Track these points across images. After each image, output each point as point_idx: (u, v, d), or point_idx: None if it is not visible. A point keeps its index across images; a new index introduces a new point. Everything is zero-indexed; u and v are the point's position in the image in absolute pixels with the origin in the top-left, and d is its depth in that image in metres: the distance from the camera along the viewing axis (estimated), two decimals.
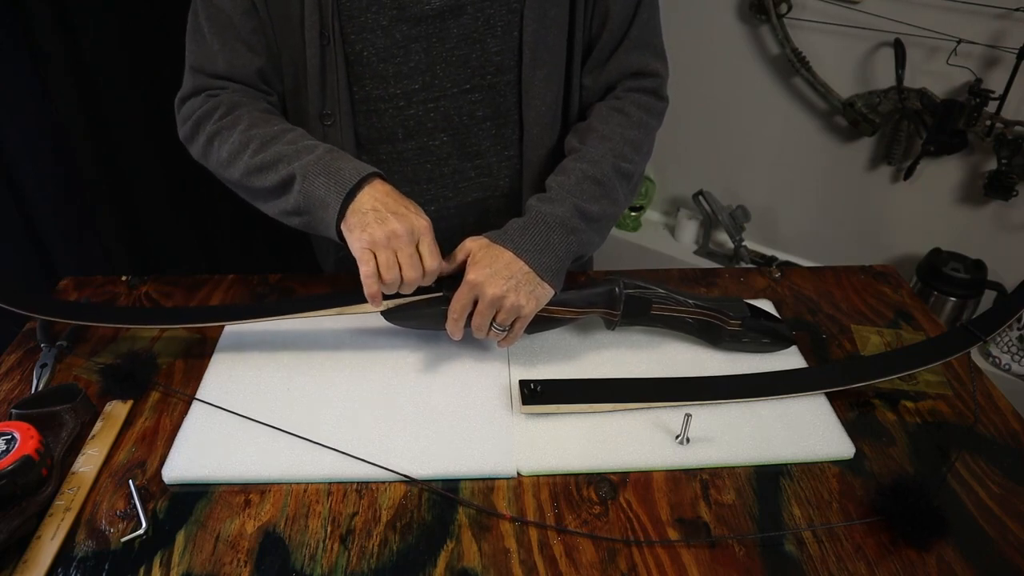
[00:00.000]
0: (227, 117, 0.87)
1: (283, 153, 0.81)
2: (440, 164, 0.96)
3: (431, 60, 0.88)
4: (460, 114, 0.92)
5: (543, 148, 0.95)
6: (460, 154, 0.96)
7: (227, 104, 0.88)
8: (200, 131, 0.89)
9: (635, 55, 0.92)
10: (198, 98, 0.90)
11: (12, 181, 1.45)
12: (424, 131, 0.93)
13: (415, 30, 0.86)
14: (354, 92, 0.90)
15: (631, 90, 0.94)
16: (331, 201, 0.77)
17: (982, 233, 1.83)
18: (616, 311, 0.85)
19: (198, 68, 0.90)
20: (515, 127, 0.95)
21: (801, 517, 0.69)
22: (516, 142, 0.96)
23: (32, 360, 0.88)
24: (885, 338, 0.94)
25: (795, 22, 1.86)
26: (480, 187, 0.99)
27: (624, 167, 0.88)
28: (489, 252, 0.79)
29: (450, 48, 0.88)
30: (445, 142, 0.94)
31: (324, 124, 0.90)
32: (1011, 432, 0.80)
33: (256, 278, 1.05)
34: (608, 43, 0.91)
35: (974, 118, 1.65)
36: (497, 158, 0.97)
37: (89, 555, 0.65)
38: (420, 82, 0.89)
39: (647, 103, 0.94)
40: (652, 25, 0.93)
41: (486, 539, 0.67)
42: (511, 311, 0.78)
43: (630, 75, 0.93)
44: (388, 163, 0.96)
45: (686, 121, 2.10)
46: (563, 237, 0.81)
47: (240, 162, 0.84)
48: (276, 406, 0.80)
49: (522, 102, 0.92)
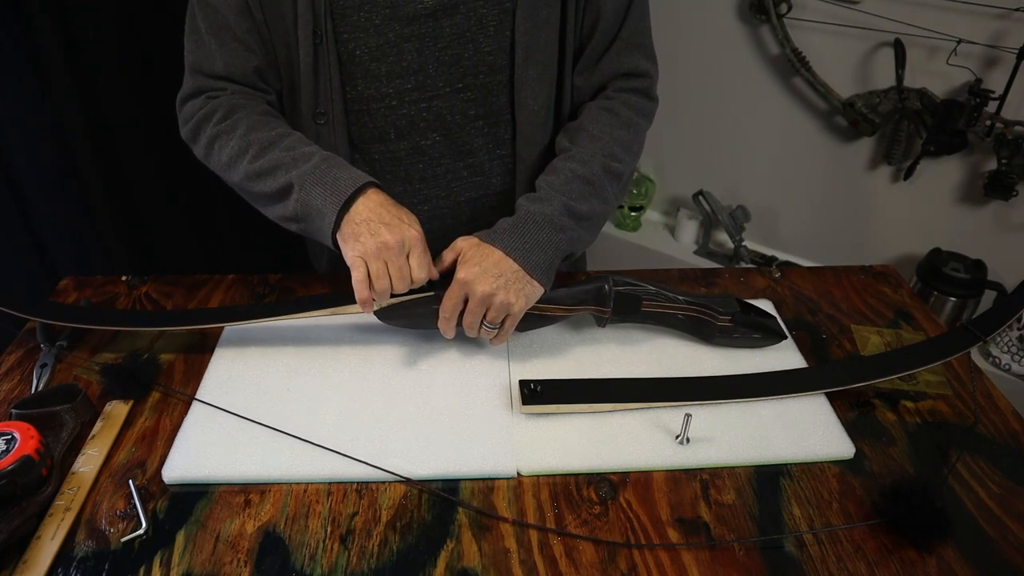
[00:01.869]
0: (226, 121, 0.87)
1: (281, 160, 0.83)
2: (433, 164, 0.96)
3: (424, 59, 0.88)
4: (453, 113, 0.93)
5: (536, 147, 0.95)
6: (453, 153, 0.96)
7: (226, 107, 0.88)
8: (201, 133, 0.89)
9: (626, 56, 0.93)
10: (198, 99, 0.91)
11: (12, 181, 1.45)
12: (417, 130, 0.93)
13: (408, 29, 0.86)
14: (347, 91, 0.90)
15: (622, 90, 0.94)
16: (327, 211, 0.78)
17: (982, 233, 1.83)
18: (606, 308, 0.85)
19: (197, 69, 0.91)
20: (507, 126, 0.95)
21: (801, 517, 0.69)
22: (509, 141, 0.97)
23: (32, 360, 0.88)
24: (885, 338, 0.94)
25: (795, 22, 1.86)
26: (473, 186, 0.99)
27: (614, 167, 0.89)
28: (479, 251, 0.80)
29: (443, 47, 0.88)
30: (438, 141, 0.94)
31: (317, 123, 0.91)
32: (1011, 432, 0.80)
33: (256, 278, 1.05)
34: (599, 43, 0.92)
35: (974, 118, 1.65)
36: (489, 157, 0.97)
37: (89, 555, 0.65)
38: (413, 81, 0.90)
39: (637, 103, 0.94)
40: (643, 26, 0.94)
41: (486, 539, 0.67)
42: (501, 308, 0.78)
43: (621, 75, 0.94)
44: (381, 163, 0.96)
45: (686, 121, 2.10)
46: (552, 235, 0.81)
47: (240, 167, 0.85)
48: (276, 405, 0.80)
49: (514, 101, 0.92)
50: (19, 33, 1.40)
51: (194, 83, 0.91)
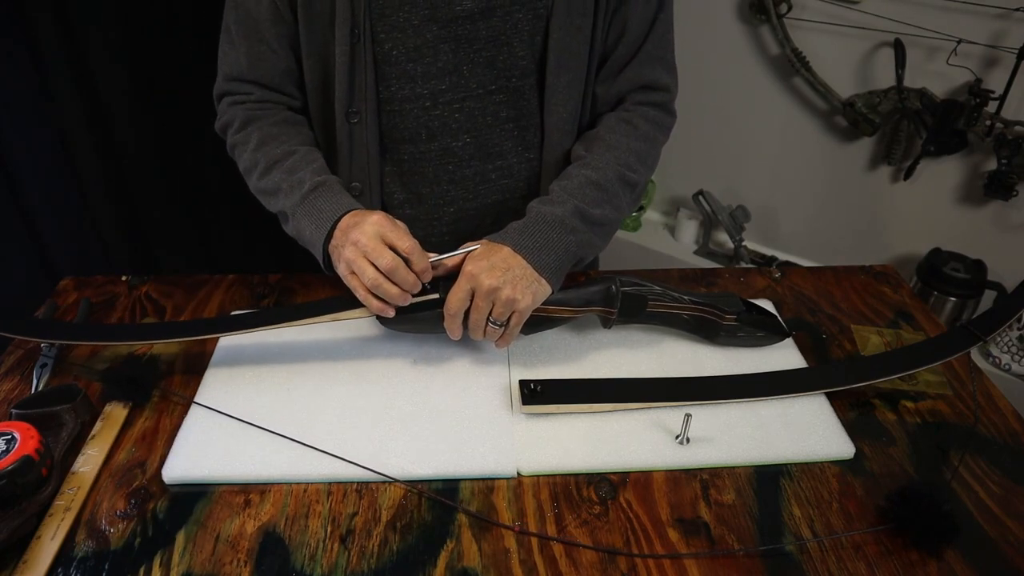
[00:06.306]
0: (240, 133, 0.93)
1: (279, 184, 0.87)
2: (462, 166, 0.97)
3: (459, 61, 0.89)
4: (484, 114, 0.93)
5: (561, 152, 0.96)
6: (482, 155, 0.96)
7: (242, 118, 0.93)
8: (226, 136, 0.97)
9: (648, 68, 0.93)
10: (224, 102, 0.96)
11: (12, 181, 1.45)
12: (448, 132, 0.94)
13: (445, 31, 0.87)
14: (380, 91, 0.91)
15: (641, 103, 0.95)
16: (316, 243, 0.83)
17: (982, 233, 1.83)
18: (613, 309, 0.85)
19: (227, 71, 0.95)
20: (536, 130, 0.96)
21: (801, 517, 0.69)
22: (537, 146, 0.97)
23: (32, 360, 0.88)
24: (885, 338, 0.94)
25: (795, 22, 1.86)
26: (499, 190, 1.00)
27: (629, 176, 0.90)
28: (488, 248, 0.80)
29: (477, 49, 0.88)
30: (468, 143, 0.95)
31: (350, 122, 0.92)
32: (1011, 432, 0.80)
33: (256, 278, 1.05)
34: (623, 54, 0.92)
35: (974, 118, 1.65)
36: (518, 159, 0.98)
37: (89, 555, 0.65)
38: (447, 82, 0.90)
39: (656, 117, 0.95)
40: (666, 41, 0.94)
41: (486, 539, 0.67)
42: (507, 304, 0.78)
43: (641, 88, 0.95)
44: (410, 163, 0.97)
45: (686, 121, 2.07)
46: (562, 236, 0.82)
47: (251, 180, 0.93)
48: (276, 406, 0.80)
49: (544, 106, 0.93)
50: (20, 33, 1.40)
51: (222, 85, 0.96)
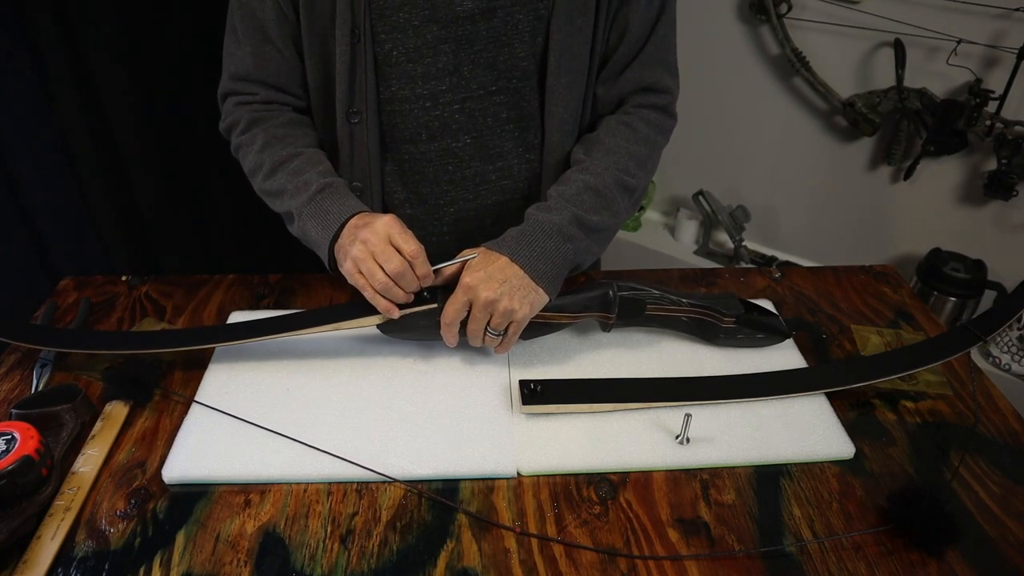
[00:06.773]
0: (246, 134, 0.93)
1: (285, 186, 0.88)
2: (462, 166, 0.96)
3: (459, 61, 0.89)
4: (485, 115, 0.93)
5: (562, 154, 0.96)
6: (482, 156, 0.96)
7: (247, 119, 0.93)
8: (231, 136, 0.97)
9: (649, 70, 0.93)
10: (229, 101, 0.96)
11: (12, 181, 1.45)
12: (448, 132, 0.93)
13: (445, 31, 0.87)
14: (381, 91, 0.91)
15: (641, 106, 0.94)
16: (322, 244, 0.84)
17: (982, 233, 1.83)
18: (611, 314, 0.85)
19: (232, 70, 0.94)
20: (537, 131, 0.96)
21: (801, 517, 0.69)
22: (537, 147, 0.97)
23: (32, 360, 0.88)
24: (885, 338, 0.94)
25: (795, 22, 1.86)
26: (500, 190, 0.99)
27: (627, 181, 0.89)
28: (485, 258, 0.80)
29: (478, 50, 0.88)
30: (468, 144, 0.95)
31: (351, 122, 0.92)
32: (1011, 432, 0.80)
33: (256, 278, 1.05)
34: (624, 56, 0.92)
35: (974, 118, 1.65)
36: (518, 160, 0.98)
37: (89, 555, 0.65)
38: (447, 83, 0.90)
39: (657, 120, 0.95)
40: (668, 42, 0.94)
41: (486, 539, 0.67)
42: (504, 315, 0.78)
43: (641, 90, 0.94)
44: (410, 163, 0.96)
45: (686, 121, 2.07)
46: (559, 244, 0.82)
47: (255, 181, 0.93)
48: (276, 406, 0.80)
49: (544, 107, 0.93)
50: (20, 33, 1.40)
51: (228, 84, 0.96)
